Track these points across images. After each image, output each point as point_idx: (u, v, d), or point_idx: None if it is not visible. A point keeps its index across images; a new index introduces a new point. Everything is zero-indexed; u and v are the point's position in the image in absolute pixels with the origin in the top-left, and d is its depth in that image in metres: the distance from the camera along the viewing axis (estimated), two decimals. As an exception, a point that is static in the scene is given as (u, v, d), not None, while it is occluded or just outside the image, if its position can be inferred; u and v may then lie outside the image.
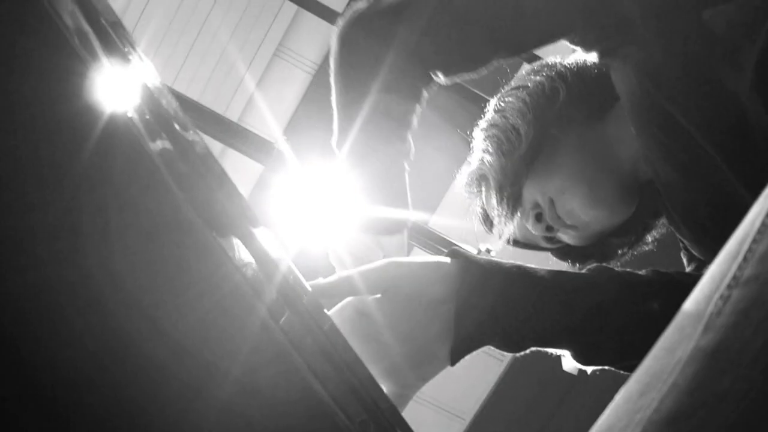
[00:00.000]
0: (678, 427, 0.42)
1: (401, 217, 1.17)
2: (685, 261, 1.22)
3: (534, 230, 1.32)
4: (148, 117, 0.52)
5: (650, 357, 0.48)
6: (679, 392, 0.43)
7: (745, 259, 0.45)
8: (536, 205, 1.31)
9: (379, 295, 0.89)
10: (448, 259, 0.93)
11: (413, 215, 1.27)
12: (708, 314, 0.44)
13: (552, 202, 1.25)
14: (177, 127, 0.53)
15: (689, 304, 0.47)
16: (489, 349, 1.01)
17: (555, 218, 1.27)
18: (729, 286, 0.44)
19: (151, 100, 0.53)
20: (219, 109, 5.34)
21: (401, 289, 0.89)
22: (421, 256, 0.94)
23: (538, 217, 1.33)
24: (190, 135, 0.53)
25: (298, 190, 4.36)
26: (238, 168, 5.46)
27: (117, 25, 0.56)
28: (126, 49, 0.54)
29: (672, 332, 0.47)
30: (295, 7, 5.18)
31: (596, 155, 1.18)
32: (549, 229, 1.32)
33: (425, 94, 1.25)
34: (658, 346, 0.48)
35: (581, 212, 1.20)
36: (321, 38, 5.48)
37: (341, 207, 1.32)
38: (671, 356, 0.45)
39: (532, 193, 1.28)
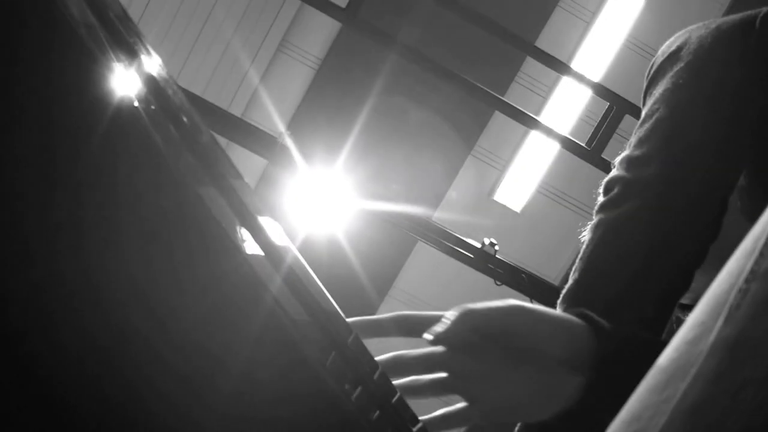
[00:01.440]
0: (702, 415, 0.44)
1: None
2: None
3: None
4: (154, 108, 0.52)
5: (671, 350, 0.50)
6: (703, 382, 0.45)
7: (761, 254, 0.46)
8: None
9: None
10: (578, 321, 0.91)
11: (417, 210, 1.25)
12: (728, 307, 0.46)
13: None
14: (184, 118, 0.53)
15: (707, 299, 0.49)
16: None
17: None
18: (747, 280, 0.46)
19: (157, 91, 0.53)
20: (223, 104, 5.34)
21: (520, 337, 0.87)
22: (546, 309, 0.91)
23: None
24: (197, 126, 0.53)
25: (301, 184, 4.36)
26: (242, 163, 5.46)
27: (124, 17, 0.56)
28: (132, 40, 0.54)
29: (692, 326, 0.49)
30: (298, 2, 5.17)
31: None
32: None
33: None
34: (678, 339, 0.50)
35: None
36: (324, 33, 5.48)
37: (342, 199, 1.30)
38: (694, 348, 0.47)
39: None
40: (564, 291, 1.16)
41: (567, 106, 5.05)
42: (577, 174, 4.49)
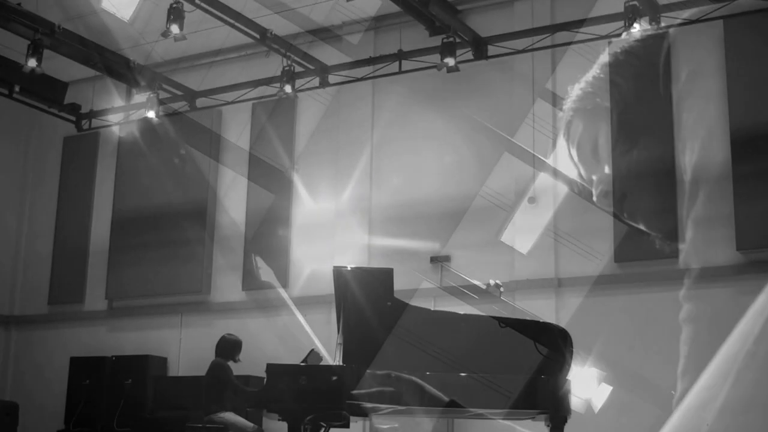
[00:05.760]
0: None
1: None
2: None
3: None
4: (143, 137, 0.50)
5: (680, 414, 0.49)
6: None
7: None
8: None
9: None
10: None
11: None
12: (736, 371, 0.46)
13: None
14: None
15: (717, 362, 0.48)
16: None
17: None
18: (756, 342, 0.45)
19: (145, 123, 0.51)
20: (231, 137, 5.35)
21: None
22: None
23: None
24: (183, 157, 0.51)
25: (307, 218, 4.31)
26: (249, 196, 5.45)
27: (116, 55, 0.54)
28: (122, 70, 0.52)
29: (701, 390, 0.48)
30: (310, 36, 5.21)
31: None
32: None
33: None
34: (688, 403, 0.49)
35: None
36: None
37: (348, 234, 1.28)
38: (701, 413, 0.47)
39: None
40: None
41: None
42: (585, 217, 4.47)
